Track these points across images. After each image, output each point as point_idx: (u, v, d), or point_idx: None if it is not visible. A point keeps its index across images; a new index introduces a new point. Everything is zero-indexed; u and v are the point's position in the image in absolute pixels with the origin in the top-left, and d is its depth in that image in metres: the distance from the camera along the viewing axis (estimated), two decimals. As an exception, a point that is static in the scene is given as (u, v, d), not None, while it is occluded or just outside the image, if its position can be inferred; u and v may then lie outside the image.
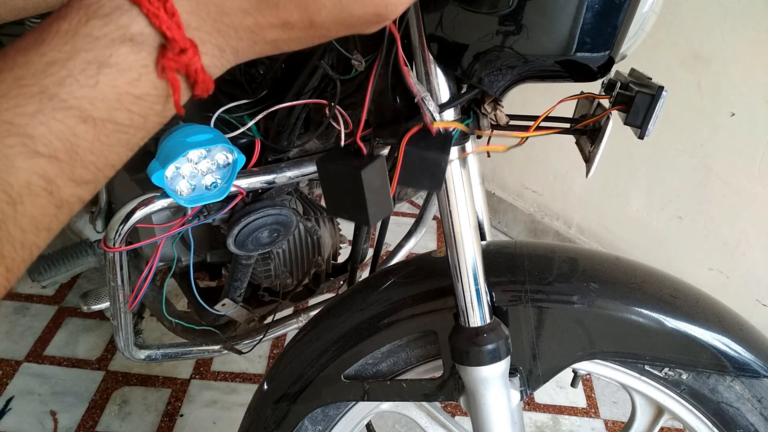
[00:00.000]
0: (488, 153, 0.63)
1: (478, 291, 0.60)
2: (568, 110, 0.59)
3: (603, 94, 0.56)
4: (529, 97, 1.63)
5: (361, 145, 0.48)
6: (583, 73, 0.48)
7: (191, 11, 0.27)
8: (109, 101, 0.25)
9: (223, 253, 0.91)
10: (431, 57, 0.51)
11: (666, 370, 0.64)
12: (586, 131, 0.56)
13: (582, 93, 0.59)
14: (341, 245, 1.05)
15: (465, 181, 0.57)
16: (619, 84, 0.53)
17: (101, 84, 0.25)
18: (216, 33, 0.29)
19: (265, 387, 0.77)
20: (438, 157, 0.47)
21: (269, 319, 1.02)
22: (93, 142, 0.25)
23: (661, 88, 0.49)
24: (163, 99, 0.28)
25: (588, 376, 1.12)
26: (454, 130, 0.51)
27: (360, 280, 0.81)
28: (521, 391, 0.65)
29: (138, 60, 0.26)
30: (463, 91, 0.54)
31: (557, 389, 1.51)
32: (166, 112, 0.28)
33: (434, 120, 0.49)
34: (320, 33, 0.32)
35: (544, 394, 1.50)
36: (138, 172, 0.75)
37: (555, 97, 0.54)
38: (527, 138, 0.54)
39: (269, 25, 0.30)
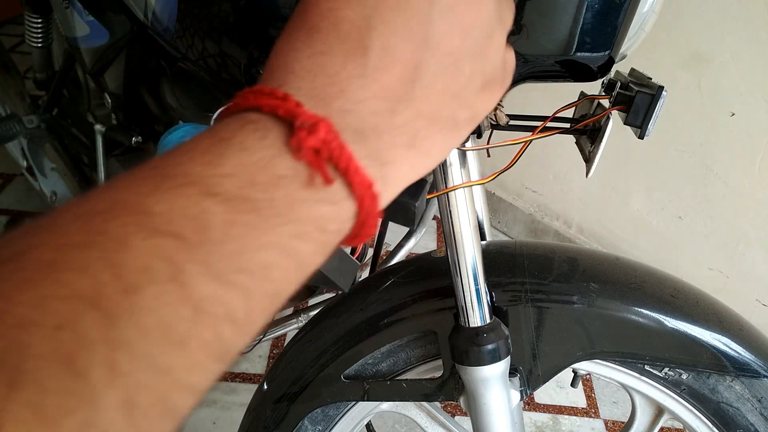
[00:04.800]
0: (488, 152, 0.63)
1: (478, 291, 0.60)
2: (567, 110, 0.59)
3: (603, 94, 0.56)
4: (529, 97, 1.64)
5: None
6: (583, 73, 0.48)
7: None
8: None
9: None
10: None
11: (666, 370, 0.64)
12: (586, 131, 0.56)
13: (580, 98, 0.59)
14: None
15: (465, 180, 0.57)
16: (619, 84, 0.53)
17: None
18: None
19: (265, 387, 0.77)
20: (408, 203, 0.52)
21: (269, 319, 1.02)
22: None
23: (661, 87, 0.49)
24: None
25: (588, 376, 1.12)
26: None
27: (360, 280, 0.81)
28: (521, 391, 0.65)
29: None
30: (463, 91, 0.54)
31: (557, 389, 1.51)
32: None
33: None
34: None
35: (544, 394, 1.50)
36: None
37: (555, 97, 0.54)
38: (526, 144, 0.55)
39: None
